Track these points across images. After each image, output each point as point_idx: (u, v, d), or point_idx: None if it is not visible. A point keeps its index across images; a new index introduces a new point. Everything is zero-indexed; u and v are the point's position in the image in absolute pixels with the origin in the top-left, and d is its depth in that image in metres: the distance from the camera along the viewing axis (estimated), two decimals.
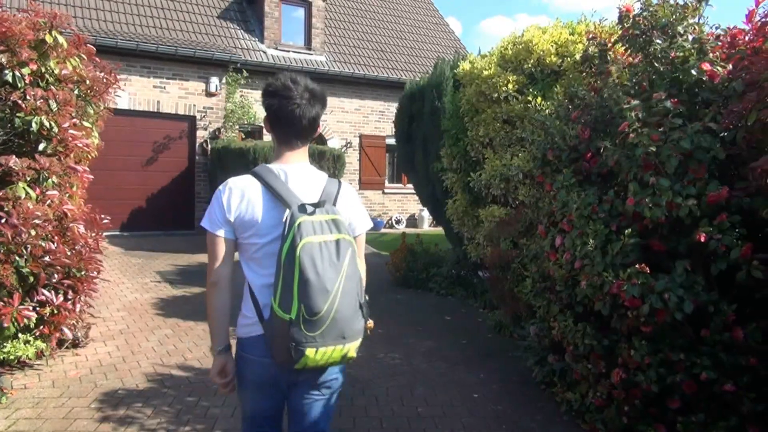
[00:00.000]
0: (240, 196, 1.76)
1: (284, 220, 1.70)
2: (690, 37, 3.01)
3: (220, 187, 1.81)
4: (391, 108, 8.38)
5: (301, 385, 1.86)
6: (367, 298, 1.82)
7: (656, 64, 3.03)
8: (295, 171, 1.84)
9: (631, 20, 3.21)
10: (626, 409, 2.85)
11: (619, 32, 3.35)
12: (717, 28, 2.97)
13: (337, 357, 1.71)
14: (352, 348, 1.74)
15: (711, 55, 2.82)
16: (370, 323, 1.86)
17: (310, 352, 1.64)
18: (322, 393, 1.89)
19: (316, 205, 1.72)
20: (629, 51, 3.27)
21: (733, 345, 2.56)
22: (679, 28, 3.03)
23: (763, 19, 2.64)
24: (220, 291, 1.80)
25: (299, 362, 1.66)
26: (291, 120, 1.83)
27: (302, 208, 1.70)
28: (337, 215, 1.74)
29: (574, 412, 3.30)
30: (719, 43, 2.85)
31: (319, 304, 1.62)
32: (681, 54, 2.94)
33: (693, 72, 2.79)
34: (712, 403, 2.68)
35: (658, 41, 3.06)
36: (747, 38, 2.76)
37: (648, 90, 2.90)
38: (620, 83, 3.14)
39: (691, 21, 3.05)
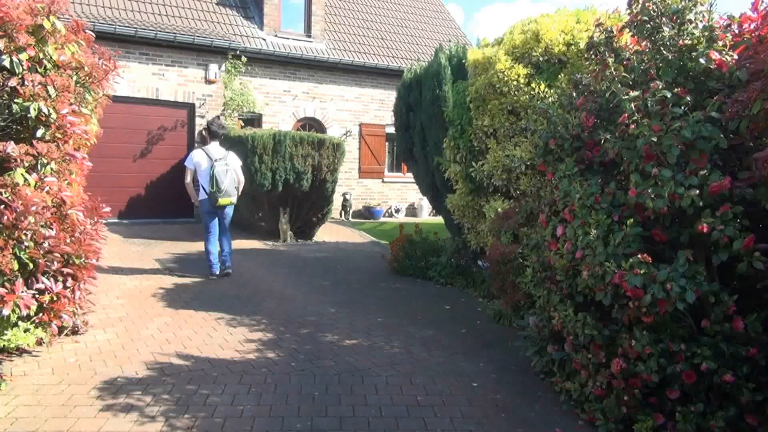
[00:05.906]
0: (197, 156, 6.52)
1: (211, 164, 6.38)
2: (700, 25, 2.96)
3: (191, 153, 6.71)
4: (391, 96, 8.34)
5: (220, 213, 6.58)
6: (237, 186, 6.64)
7: (664, 52, 2.99)
8: (214, 148, 6.60)
9: (640, 5, 3.16)
10: (626, 399, 2.86)
11: (627, 17, 3.29)
12: (726, 15, 2.92)
13: (228, 201, 6.47)
14: (234, 199, 6.54)
15: (720, 43, 2.78)
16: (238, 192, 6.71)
17: (220, 199, 6.39)
18: (225, 215, 6.63)
19: (220, 159, 6.47)
20: (636, 38, 3.23)
21: (733, 335, 2.56)
22: (689, 16, 2.98)
23: None
24: (189, 186, 6.61)
25: (218, 203, 6.39)
26: (215, 133, 6.76)
27: (216, 160, 6.43)
28: (227, 161, 6.50)
29: (573, 402, 3.31)
30: (730, 32, 2.81)
31: (221, 186, 6.35)
32: (689, 42, 2.90)
33: (701, 60, 2.75)
34: (711, 393, 2.69)
35: (666, 28, 3.01)
36: (753, 26, 2.73)
37: (652, 78, 2.87)
38: (618, 75, 3.09)
39: (701, 8, 3.00)
